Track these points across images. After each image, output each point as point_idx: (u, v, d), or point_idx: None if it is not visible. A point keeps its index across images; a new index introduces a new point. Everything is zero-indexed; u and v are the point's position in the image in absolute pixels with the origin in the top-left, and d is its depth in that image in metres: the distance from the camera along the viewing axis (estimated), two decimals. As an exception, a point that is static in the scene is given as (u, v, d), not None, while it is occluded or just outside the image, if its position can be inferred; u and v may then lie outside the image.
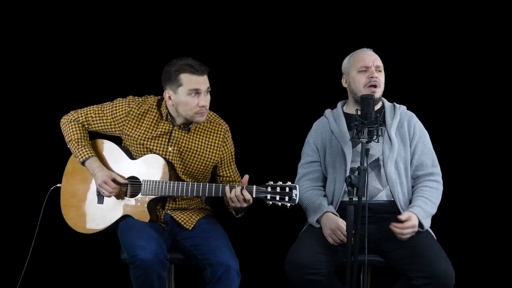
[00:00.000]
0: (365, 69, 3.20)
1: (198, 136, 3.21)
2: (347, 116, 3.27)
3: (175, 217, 3.21)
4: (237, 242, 3.19)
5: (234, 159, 3.31)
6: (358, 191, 2.80)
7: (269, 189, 2.97)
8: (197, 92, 3.07)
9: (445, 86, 4.00)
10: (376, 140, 2.93)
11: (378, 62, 3.23)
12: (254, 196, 2.99)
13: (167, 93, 3.12)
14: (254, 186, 2.99)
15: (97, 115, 3.24)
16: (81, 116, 3.25)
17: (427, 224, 3.09)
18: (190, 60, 3.09)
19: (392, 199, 3.14)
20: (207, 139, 3.23)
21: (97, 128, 3.26)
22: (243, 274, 3.08)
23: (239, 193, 2.98)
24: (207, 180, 3.30)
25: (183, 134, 3.19)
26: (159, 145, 3.18)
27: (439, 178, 3.20)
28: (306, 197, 3.20)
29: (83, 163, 3.21)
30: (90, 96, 3.39)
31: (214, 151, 3.23)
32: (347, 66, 3.28)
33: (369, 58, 3.22)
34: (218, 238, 3.12)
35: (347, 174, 3.09)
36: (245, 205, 3.01)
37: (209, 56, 3.77)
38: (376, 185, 3.16)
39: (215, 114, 3.29)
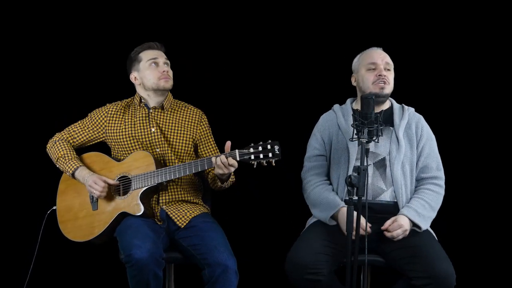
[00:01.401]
0: (374, 67, 3.20)
1: (174, 114, 3.38)
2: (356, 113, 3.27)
3: (169, 213, 3.23)
4: (237, 241, 3.19)
5: (213, 139, 3.42)
6: (358, 191, 2.79)
7: (251, 149, 3.02)
8: (155, 62, 3.31)
9: (453, 90, 3.99)
10: (376, 140, 2.92)
11: (388, 59, 3.24)
12: (238, 159, 3.03)
13: (133, 75, 3.36)
14: (237, 150, 3.04)
15: (79, 128, 3.38)
16: (65, 134, 3.39)
17: (423, 224, 3.07)
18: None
19: (395, 200, 3.13)
20: (183, 116, 3.38)
21: (82, 139, 3.38)
22: (242, 273, 3.07)
23: (224, 159, 3.03)
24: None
25: (159, 113, 3.35)
26: (142, 129, 3.31)
27: (442, 182, 3.19)
28: (316, 192, 3.19)
29: (73, 175, 3.28)
30: (74, 117, 3.46)
31: (191, 127, 3.37)
32: (357, 64, 3.29)
33: (378, 56, 3.23)
34: (216, 237, 3.13)
35: (350, 171, 3.09)
36: (232, 169, 3.06)
37: (214, 52, 3.79)
38: (380, 185, 3.15)
39: (189, 104, 3.45)
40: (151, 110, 3.34)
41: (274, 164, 3.02)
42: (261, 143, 3.02)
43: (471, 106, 3.98)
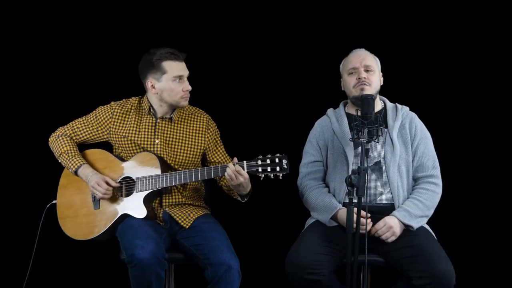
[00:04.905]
0: (353, 71, 3.21)
1: (181, 125, 3.31)
2: (349, 116, 3.27)
3: (173, 215, 3.22)
4: (237, 241, 3.19)
5: (221, 144, 3.37)
6: (358, 191, 2.80)
7: (259, 162, 3.00)
8: (180, 78, 3.20)
9: (447, 87, 3.99)
10: (376, 140, 2.92)
11: (367, 61, 3.22)
12: (245, 170, 3.01)
13: (150, 82, 3.23)
14: (245, 161, 3.01)
15: (82, 125, 3.33)
16: (68, 129, 3.34)
17: (416, 224, 3.08)
18: (168, 48, 3.22)
19: (393, 202, 3.13)
20: (191, 127, 3.32)
21: (85, 137, 3.33)
22: (244, 274, 3.08)
23: (233, 168, 3.00)
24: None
25: (167, 124, 3.28)
26: (146, 138, 3.26)
27: (438, 181, 3.19)
28: (313, 195, 3.19)
29: (76, 172, 3.25)
30: (77, 111, 3.43)
31: (200, 137, 3.31)
32: (341, 70, 3.30)
33: (357, 59, 3.23)
34: (218, 237, 3.13)
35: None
36: (241, 179, 3.01)
37: (206, 53, 3.80)
38: (378, 188, 3.15)
39: (196, 108, 3.39)
40: (158, 120, 3.28)
41: (281, 178, 3.01)
42: (269, 155, 3.00)
43: (466, 103, 3.97)
